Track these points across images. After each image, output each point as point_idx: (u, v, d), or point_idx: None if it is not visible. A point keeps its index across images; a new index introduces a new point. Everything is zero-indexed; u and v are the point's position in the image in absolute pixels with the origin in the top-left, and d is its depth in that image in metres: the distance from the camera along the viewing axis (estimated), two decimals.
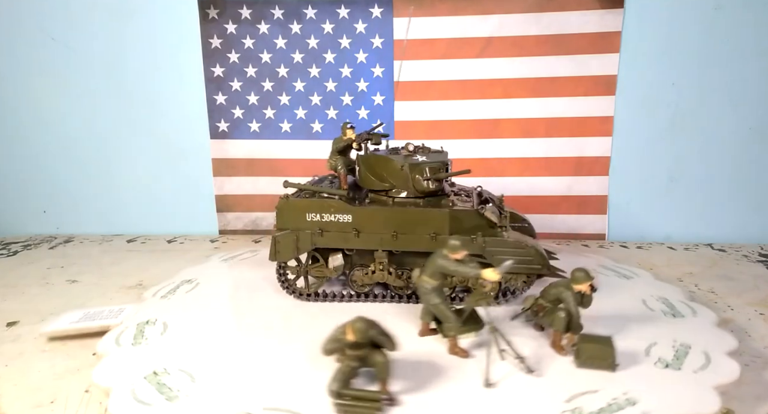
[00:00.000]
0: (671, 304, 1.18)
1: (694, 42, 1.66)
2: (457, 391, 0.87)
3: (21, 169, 1.96)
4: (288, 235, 1.22)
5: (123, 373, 0.93)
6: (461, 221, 1.14)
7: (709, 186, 1.76)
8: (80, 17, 1.80)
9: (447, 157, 1.25)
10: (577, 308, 0.97)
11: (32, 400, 0.88)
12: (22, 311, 1.25)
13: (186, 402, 0.85)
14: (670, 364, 0.92)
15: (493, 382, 0.89)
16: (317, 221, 1.19)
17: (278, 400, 0.84)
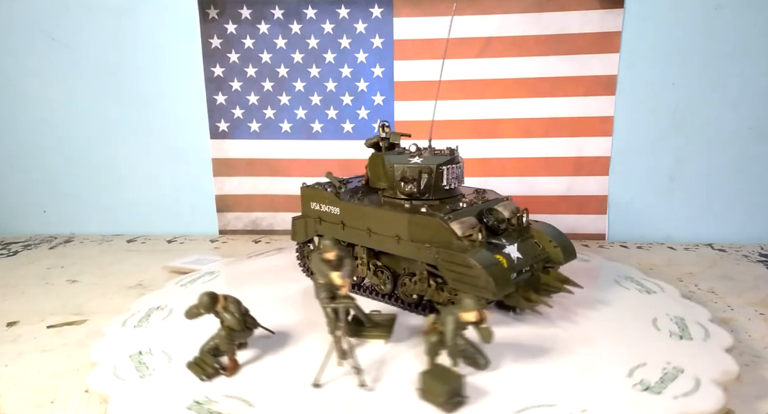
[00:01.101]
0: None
1: (694, 42, 1.66)
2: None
3: (21, 169, 1.96)
4: (301, 220, 1.32)
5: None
6: (422, 228, 1.08)
7: (709, 186, 1.77)
8: (80, 17, 1.80)
9: (450, 159, 1.18)
10: (454, 336, 0.87)
11: (32, 400, 0.88)
12: (22, 311, 1.25)
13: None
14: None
15: (321, 384, 0.88)
16: (317, 210, 1.28)
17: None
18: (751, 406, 0.84)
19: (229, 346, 0.93)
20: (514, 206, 1.16)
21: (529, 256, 1.09)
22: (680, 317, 1.11)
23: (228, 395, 0.85)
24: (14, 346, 1.08)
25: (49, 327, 1.16)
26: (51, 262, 1.63)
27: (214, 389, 0.87)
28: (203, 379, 0.90)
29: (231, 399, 0.84)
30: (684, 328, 1.06)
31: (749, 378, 0.91)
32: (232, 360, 0.94)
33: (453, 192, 1.20)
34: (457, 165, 1.18)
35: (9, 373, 0.97)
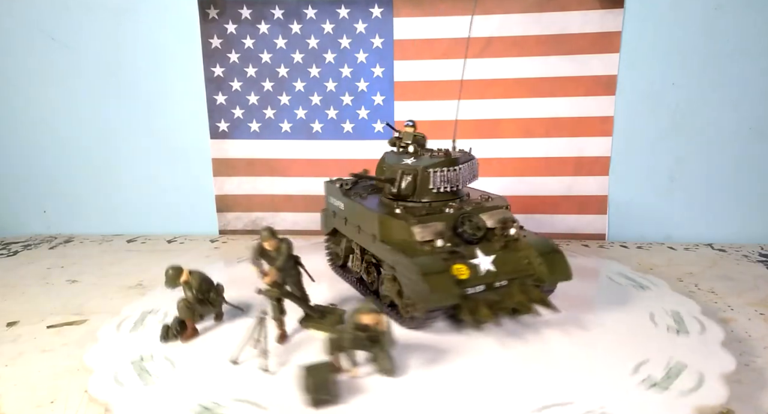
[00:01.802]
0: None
1: (694, 42, 1.66)
2: None
3: (21, 169, 1.96)
4: (323, 212, 1.40)
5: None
6: (388, 229, 1.07)
7: (709, 186, 1.76)
8: (80, 17, 1.80)
9: (441, 161, 1.14)
10: (350, 338, 0.88)
11: (32, 400, 0.88)
12: (22, 311, 1.25)
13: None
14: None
15: (239, 362, 0.93)
16: (332, 204, 1.33)
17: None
18: (751, 406, 0.84)
19: (186, 313, 1.05)
20: (505, 216, 1.09)
21: (507, 270, 1.03)
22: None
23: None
24: (14, 346, 1.08)
25: (49, 327, 1.16)
26: (51, 262, 1.63)
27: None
28: (161, 339, 1.04)
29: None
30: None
31: (749, 378, 0.91)
32: (191, 328, 1.06)
33: (451, 194, 1.15)
34: (454, 168, 1.12)
35: (9, 373, 0.97)
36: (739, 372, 0.92)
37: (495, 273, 1.02)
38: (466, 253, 1.03)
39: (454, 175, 1.13)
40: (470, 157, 1.18)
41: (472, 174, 1.18)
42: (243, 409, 0.82)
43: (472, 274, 1.00)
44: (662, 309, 1.14)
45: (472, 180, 1.19)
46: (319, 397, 0.83)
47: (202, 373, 0.94)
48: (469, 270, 1.00)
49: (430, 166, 1.11)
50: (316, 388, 0.83)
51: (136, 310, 1.19)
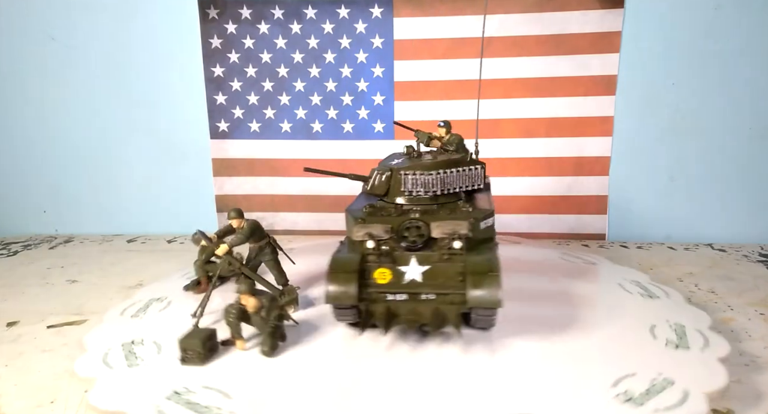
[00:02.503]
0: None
1: (694, 42, 1.66)
2: None
3: (21, 169, 1.96)
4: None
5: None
6: (348, 225, 1.09)
7: (709, 186, 1.76)
8: (80, 17, 1.81)
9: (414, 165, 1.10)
10: (231, 313, 0.98)
11: (32, 400, 0.88)
12: (22, 311, 1.25)
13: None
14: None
15: (199, 316, 1.04)
16: None
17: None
18: (751, 406, 0.84)
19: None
20: (455, 228, 0.99)
21: (435, 284, 0.97)
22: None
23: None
24: (14, 346, 1.08)
25: (49, 327, 1.16)
26: (51, 262, 1.63)
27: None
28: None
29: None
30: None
31: (749, 378, 0.91)
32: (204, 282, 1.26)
33: (432, 198, 1.09)
34: (430, 172, 1.07)
35: (9, 373, 0.97)
36: (740, 372, 0.92)
37: (420, 284, 0.98)
38: (399, 258, 1.00)
39: (431, 179, 1.08)
40: (467, 163, 1.13)
41: (469, 180, 1.13)
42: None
43: (394, 280, 0.98)
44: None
45: (470, 186, 1.14)
46: (184, 354, 0.95)
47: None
48: (392, 276, 0.98)
49: (404, 168, 1.09)
50: (185, 346, 0.95)
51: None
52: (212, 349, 0.97)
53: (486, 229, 1.07)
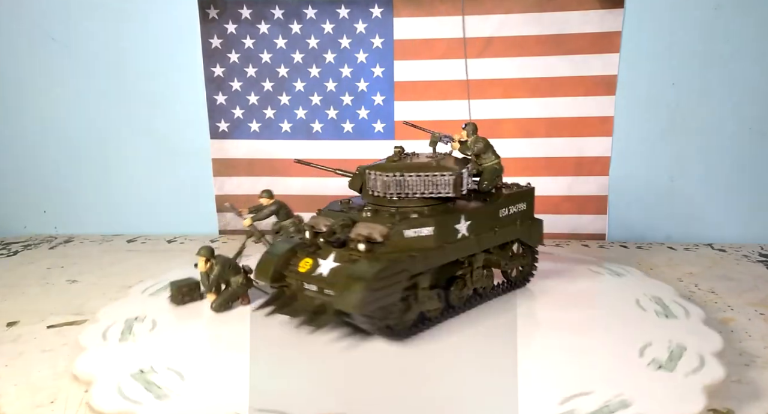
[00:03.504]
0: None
1: (694, 42, 1.67)
2: None
3: (21, 169, 1.96)
4: None
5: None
6: None
7: (709, 186, 1.77)
8: (80, 17, 1.81)
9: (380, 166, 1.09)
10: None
11: (32, 400, 0.88)
12: (22, 311, 1.25)
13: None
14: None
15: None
16: None
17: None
18: (751, 405, 0.84)
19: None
20: (369, 231, 0.99)
21: (332, 282, 0.98)
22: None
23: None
24: (14, 346, 1.08)
25: (49, 327, 1.16)
26: (51, 262, 1.63)
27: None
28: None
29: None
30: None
31: (749, 378, 0.91)
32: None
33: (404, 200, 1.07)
34: (395, 174, 1.05)
35: (9, 373, 0.97)
36: (740, 372, 0.92)
37: (322, 279, 0.99)
38: (323, 252, 1.04)
39: (387, 181, 1.06)
40: (434, 168, 1.07)
41: (432, 187, 1.06)
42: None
43: (309, 271, 1.02)
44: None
45: (434, 193, 1.07)
46: (171, 294, 1.20)
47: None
48: (310, 267, 1.02)
49: (370, 167, 1.09)
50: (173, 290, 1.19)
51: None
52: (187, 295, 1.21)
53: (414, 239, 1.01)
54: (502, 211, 1.17)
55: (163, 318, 1.14)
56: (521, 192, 1.21)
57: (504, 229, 1.17)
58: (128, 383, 0.87)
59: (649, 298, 1.18)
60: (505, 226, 1.17)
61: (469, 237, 1.09)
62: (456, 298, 1.11)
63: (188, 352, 1.00)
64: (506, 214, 1.18)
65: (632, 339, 1.00)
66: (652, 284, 1.29)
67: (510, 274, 1.25)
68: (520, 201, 1.21)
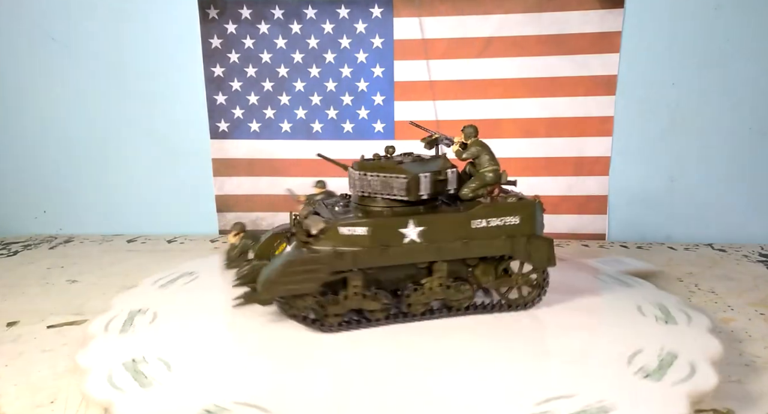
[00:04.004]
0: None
1: (694, 42, 1.67)
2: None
3: (21, 169, 1.96)
4: None
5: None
6: None
7: (709, 186, 1.77)
8: (80, 17, 1.80)
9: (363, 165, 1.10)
10: None
11: (32, 400, 0.88)
12: (22, 311, 1.25)
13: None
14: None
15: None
16: None
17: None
18: (751, 406, 0.84)
19: None
20: (311, 227, 1.03)
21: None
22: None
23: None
24: (14, 346, 1.08)
25: (49, 327, 1.16)
26: (51, 262, 1.63)
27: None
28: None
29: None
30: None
31: (749, 378, 0.91)
32: None
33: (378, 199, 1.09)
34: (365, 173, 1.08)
35: (9, 373, 0.97)
36: (740, 372, 0.92)
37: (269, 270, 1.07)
38: (292, 239, 1.11)
39: (361, 180, 1.09)
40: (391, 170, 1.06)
41: (388, 188, 1.06)
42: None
43: (272, 263, 1.07)
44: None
45: (388, 195, 1.07)
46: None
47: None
48: (281, 250, 1.15)
49: (354, 166, 1.12)
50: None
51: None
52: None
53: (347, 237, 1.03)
54: (476, 222, 1.07)
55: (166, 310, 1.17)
56: (509, 204, 1.09)
57: (480, 241, 1.07)
58: (119, 372, 0.90)
59: (650, 303, 1.16)
60: (482, 239, 1.07)
61: (420, 243, 1.05)
62: (410, 305, 1.08)
63: (182, 343, 1.02)
64: (483, 226, 1.07)
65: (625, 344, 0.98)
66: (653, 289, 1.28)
67: (506, 293, 1.14)
68: (507, 214, 1.09)
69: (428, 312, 1.10)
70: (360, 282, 1.05)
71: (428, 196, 1.07)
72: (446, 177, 1.09)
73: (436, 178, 1.07)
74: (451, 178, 1.10)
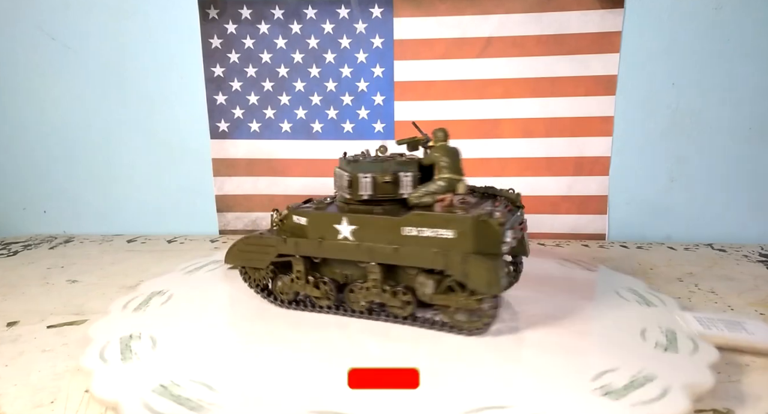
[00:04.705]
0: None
1: (694, 42, 1.67)
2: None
3: (21, 169, 1.96)
4: None
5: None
6: None
7: (709, 186, 1.77)
8: (80, 17, 1.81)
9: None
10: None
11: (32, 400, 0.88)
12: (22, 311, 1.25)
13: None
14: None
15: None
16: None
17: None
18: (751, 406, 0.84)
19: None
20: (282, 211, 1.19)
21: None
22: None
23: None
24: (14, 346, 1.08)
25: (49, 327, 1.16)
26: (51, 262, 1.63)
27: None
28: None
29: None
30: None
31: (749, 378, 0.91)
32: None
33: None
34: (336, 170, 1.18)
35: (9, 373, 0.97)
36: (740, 372, 0.92)
37: None
38: None
39: (338, 176, 1.16)
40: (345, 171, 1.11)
41: (339, 188, 1.13)
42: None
43: None
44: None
45: (347, 193, 1.11)
46: None
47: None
48: None
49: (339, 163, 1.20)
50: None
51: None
52: None
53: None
54: (406, 229, 1.02)
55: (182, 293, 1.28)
56: (443, 216, 1.00)
57: (410, 250, 1.02)
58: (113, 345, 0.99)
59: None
60: (413, 247, 1.02)
61: (352, 242, 1.07)
62: (349, 301, 1.12)
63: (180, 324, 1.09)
64: (414, 234, 1.02)
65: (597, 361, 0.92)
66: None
67: (448, 310, 1.04)
68: (439, 226, 1.00)
69: (369, 312, 1.11)
70: (302, 268, 1.13)
71: (369, 197, 1.08)
72: (394, 180, 1.07)
73: (381, 180, 1.07)
74: (405, 182, 1.08)
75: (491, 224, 0.96)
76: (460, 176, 1.06)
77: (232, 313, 1.19)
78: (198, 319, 1.13)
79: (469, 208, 1.03)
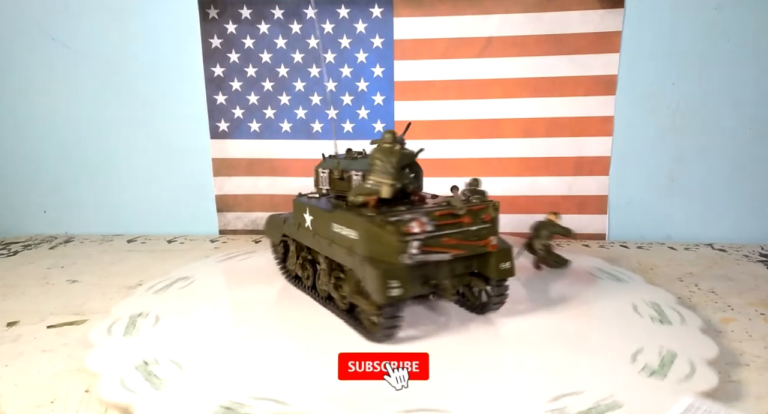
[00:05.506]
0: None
1: (694, 42, 1.67)
2: None
3: (21, 169, 1.96)
4: None
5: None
6: None
7: (709, 186, 1.77)
8: (80, 17, 1.81)
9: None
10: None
11: (32, 400, 0.88)
12: (22, 311, 1.25)
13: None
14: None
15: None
16: None
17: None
18: (751, 406, 0.84)
19: None
20: None
21: None
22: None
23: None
24: (14, 346, 1.07)
25: (49, 327, 1.16)
26: (51, 262, 1.63)
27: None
28: None
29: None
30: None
31: (750, 378, 0.91)
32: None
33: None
34: None
35: (9, 373, 0.97)
36: (740, 372, 0.92)
37: None
38: None
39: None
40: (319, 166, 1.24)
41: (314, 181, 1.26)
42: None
43: None
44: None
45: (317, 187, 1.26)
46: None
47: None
48: None
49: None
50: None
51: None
52: None
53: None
54: (335, 225, 1.04)
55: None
56: (350, 218, 0.99)
57: (336, 246, 1.04)
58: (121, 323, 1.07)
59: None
60: (338, 244, 1.04)
61: (310, 231, 1.17)
62: (318, 287, 1.20)
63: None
64: (337, 231, 1.03)
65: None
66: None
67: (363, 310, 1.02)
68: (349, 226, 1.00)
69: (326, 300, 1.17)
70: (293, 248, 1.29)
71: (327, 191, 1.20)
72: (342, 177, 1.14)
73: (336, 176, 1.16)
74: (356, 180, 1.09)
75: (388, 231, 0.91)
76: (390, 180, 1.00)
77: (245, 301, 1.24)
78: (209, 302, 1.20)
79: (404, 213, 0.96)
